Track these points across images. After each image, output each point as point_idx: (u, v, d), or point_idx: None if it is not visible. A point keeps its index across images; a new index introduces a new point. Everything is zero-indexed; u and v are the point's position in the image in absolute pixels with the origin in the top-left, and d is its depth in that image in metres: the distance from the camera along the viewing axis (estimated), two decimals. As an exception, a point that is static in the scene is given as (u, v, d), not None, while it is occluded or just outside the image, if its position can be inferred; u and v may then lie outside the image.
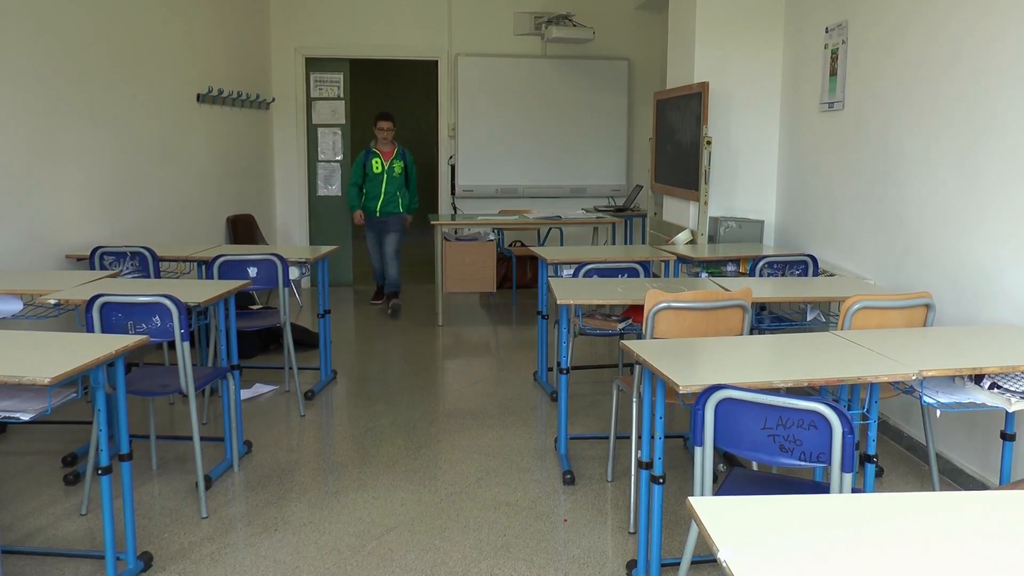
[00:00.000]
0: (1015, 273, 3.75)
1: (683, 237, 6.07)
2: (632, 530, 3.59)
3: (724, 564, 1.53)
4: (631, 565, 3.28)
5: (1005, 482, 3.36)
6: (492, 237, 7.59)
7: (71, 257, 5.16)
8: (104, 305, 3.63)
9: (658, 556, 3.09)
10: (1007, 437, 3.31)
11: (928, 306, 3.66)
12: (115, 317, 3.65)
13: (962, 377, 2.98)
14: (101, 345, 3.01)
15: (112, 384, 3.04)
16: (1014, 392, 2.92)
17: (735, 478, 2.94)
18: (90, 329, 3.64)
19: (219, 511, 3.75)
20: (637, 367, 3.74)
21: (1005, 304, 3.80)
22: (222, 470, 4.15)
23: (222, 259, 4.84)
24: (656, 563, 3.10)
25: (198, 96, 7.00)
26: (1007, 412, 3.06)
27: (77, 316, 3.98)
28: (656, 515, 3.03)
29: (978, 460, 4.01)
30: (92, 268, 4.96)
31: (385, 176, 7.75)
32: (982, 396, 2.95)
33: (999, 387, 2.94)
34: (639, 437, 3.81)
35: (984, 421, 3.88)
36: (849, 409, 2.97)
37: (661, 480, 2.99)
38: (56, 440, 4.48)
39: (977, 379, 2.97)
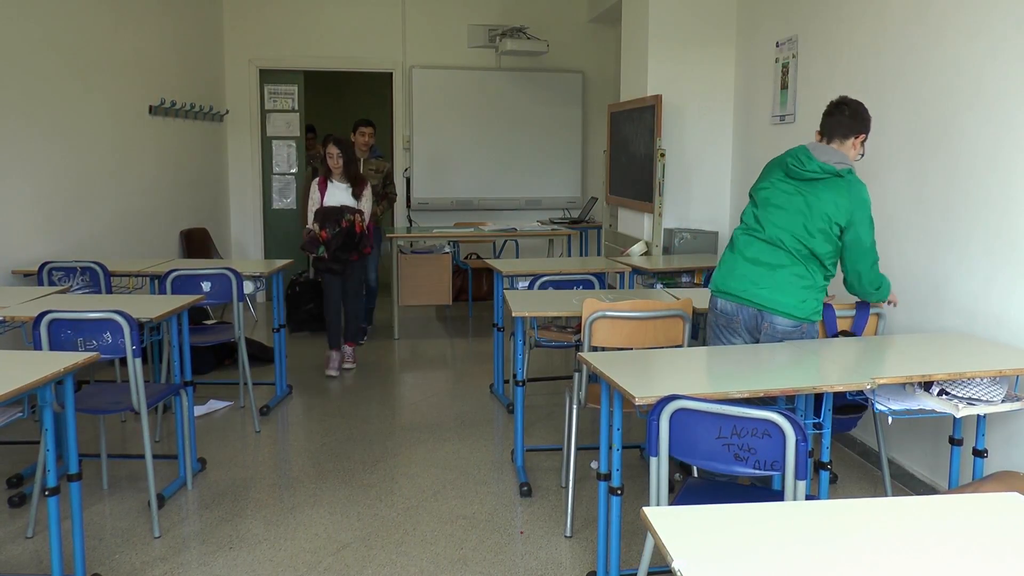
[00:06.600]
0: (960, 281, 3.83)
1: (638, 249, 6.12)
2: (568, 534, 3.63)
3: (679, 574, 1.54)
4: (589, 576, 3.28)
5: (953, 486, 3.43)
6: (448, 250, 7.58)
7: (18, 273, 5.05)
8: (52, 322, 3.56)
9: (617, 567, 3.09)
10: (955, 442, 3.38)
11: (879, 315, 3.73)
12: (64, 334, 3.58)
13: (912, 384, 3.04)
14: (49, 363, 2.95)
15: (60, 402, 2.97)
16: (961, 398, 2.98)
17: (691, 487, 2.96)
18: (38, 347, 3.56)
19: (172, 530, 3.69)
20: (576, 374, 3.76)
21: (952, 312, 3.88)
22: (175, 488, 4.08)
23: (175, 274, 4.78)
24: (615, 574, 3.10)
25: (150, 108, 6.91)
26: (955, 418, 3.13)
27: (24, 333, 3.89)
28: (615, 526, 3.04)
29: (928, 465, 4.08)
30: (40, 284, 4.86)
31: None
32: (931, 403, 3.01)
33: (947, 393, 3.00)
34: (570, 441, 3.84)
35: (933, 427, 3.95)
36: (804, 418, 3.01)
37: (619, 491, 2.99)
38: (1, 461, 4.37)
39: (926, 386, 3.02)
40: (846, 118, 3.51)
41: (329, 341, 6.18)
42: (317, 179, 6.10)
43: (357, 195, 6.00)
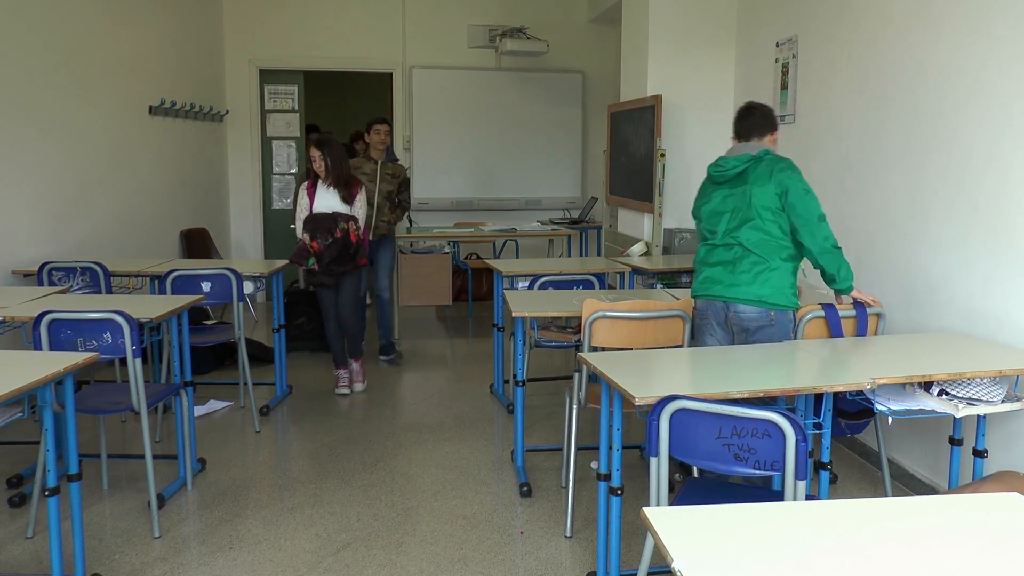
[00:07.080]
0: (960, 281, 3.82)
1: (637, 249, 6.12)
2: (568, 534, 3.63)
3: (679, 574, 1.54)
4: (589, 576, 3.28)
5: (953, 486, 3.43)
6: (448, 250, 7.58)
7: (18, 273, 5.05)
8: (53, 322, 3.56)
9: (617, 567, 3.09)
10: (955, 442, 3.38)
11: (879, 315, 3.72)
12: (64, 334, 3.58)
13: (912, 384, 3.04)
14: (49, 363, 2.95)
15: (60, 402, 2.97)
16: (961, 398, 2.98)
17: (691, 487, 2.96)
18: (38, 347, 3.56)
19: (172, 530, 3.69)
20: (576, 374, 3.76)
21: (952, 311, 3.88)
22: (175, 488, 4.08)
23: (175, 274, 4.78)
24: (615, 574, 3.10)
25: (150, 108, 6.91)
26: (955, 418, 3.12)
27: (24, 333, 3.89)
28: (615, 526, 3.04)
29: (928, 465, 4.08)
30: (40, 284, 4.86)
31: None
32: (931, 403, 3.01)
33: (947, 393, 3.00)
34: (570, 441, 3.84)
35: (933, 427, 3.95)
36: (804, 418, 3.01)
37: (619, 492, 2.99)
38: (1, 461, 4.37)
39: (926, 386, 3.02)
40: (758, 118, 3.71)
41: (334, 360, 5.77)
42: (305, 183, 5.50)
43: (349, 199, 5.38)
